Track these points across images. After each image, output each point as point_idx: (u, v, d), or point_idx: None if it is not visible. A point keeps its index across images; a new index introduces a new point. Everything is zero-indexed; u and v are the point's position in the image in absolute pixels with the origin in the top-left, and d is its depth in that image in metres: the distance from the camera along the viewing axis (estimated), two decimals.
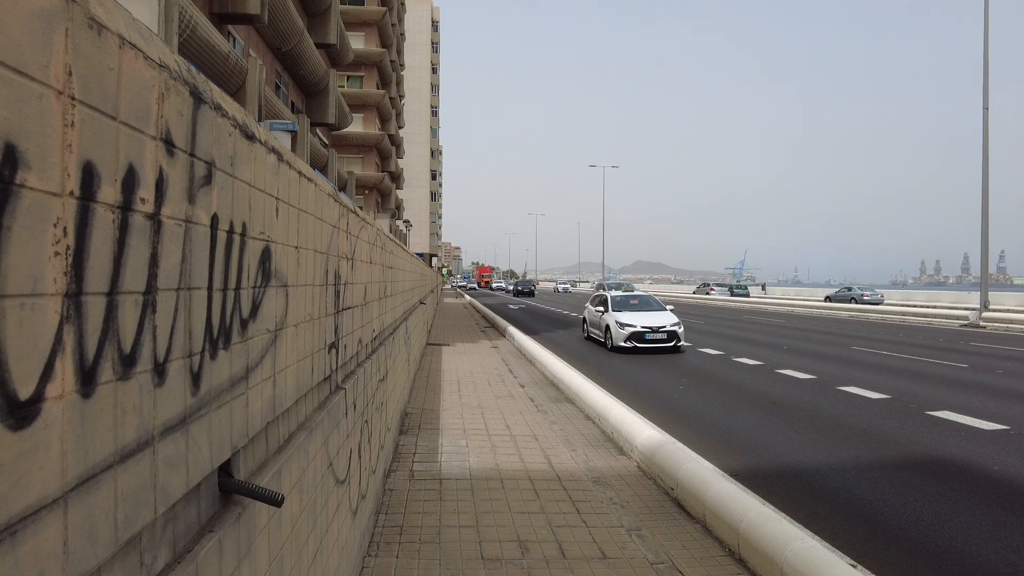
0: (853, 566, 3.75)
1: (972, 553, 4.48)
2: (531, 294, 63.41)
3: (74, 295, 0.93)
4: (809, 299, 46.15)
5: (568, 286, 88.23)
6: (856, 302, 39.79)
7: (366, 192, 42.62)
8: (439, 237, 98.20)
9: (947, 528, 4.90)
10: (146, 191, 1.16)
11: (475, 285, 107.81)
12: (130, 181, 1.09)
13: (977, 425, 8.10)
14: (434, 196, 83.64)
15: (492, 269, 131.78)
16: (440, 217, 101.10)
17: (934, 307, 34.70)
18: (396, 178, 53.84)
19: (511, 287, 74.17)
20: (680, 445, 5.99)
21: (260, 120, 17.94)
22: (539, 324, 25.85)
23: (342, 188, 31.67)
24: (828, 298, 43.62)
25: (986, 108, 25.05)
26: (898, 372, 12.65)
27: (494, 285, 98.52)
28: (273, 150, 1.95)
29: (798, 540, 3.79)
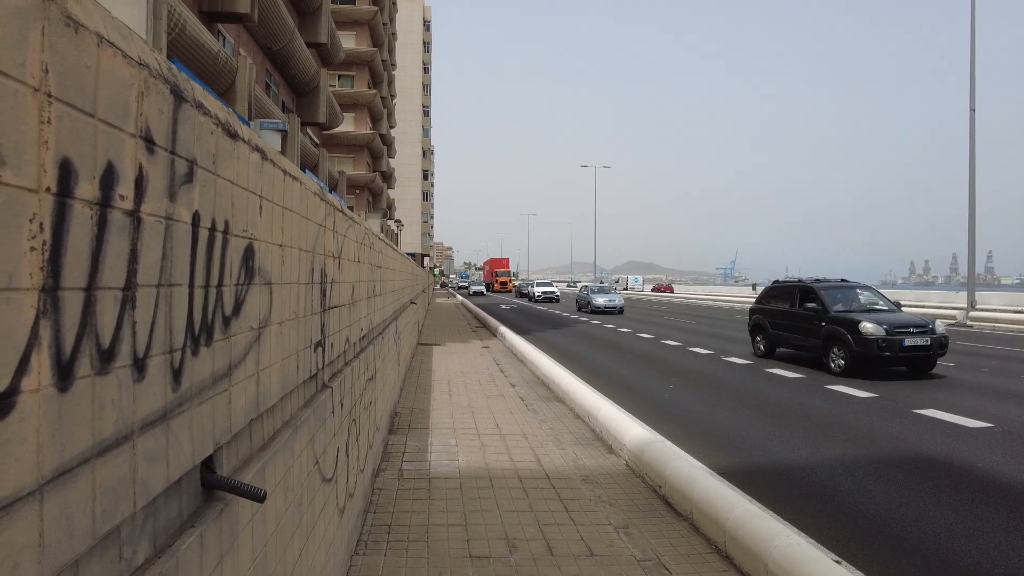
0: (837, 562, 3.79)
1: (955, 549, 4.53)
2: None
3: (51, 290, 0.94)
4: None
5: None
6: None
7: (357, 192, 42.52)
8: (431, 237, 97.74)
9: (931, 524, 4.95)
10: (125, 188, 1.16)
11: (481, 288, 71.80)
12: (109, 178, 1.10)
13: (962, 423, 8.18)
14: (426, 196, 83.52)
15: (509, 264, 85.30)
16: (432, 217, 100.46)
17: (923, 306, 34.97)
18: (387, 178, 53.75)
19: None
20: (668, 443, 6.02)
21: (250, 119, 17.88)
22: (531, 324, 25.87)
23: (333, 188, 31.61)
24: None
25: (973, 110, 25.28)
26: (885, 371, 12.75)
27: (539, 291, 50.52)
28: (256, 148, 1.96)
29: (783, 537, 3.82)
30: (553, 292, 50.64)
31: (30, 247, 0.89)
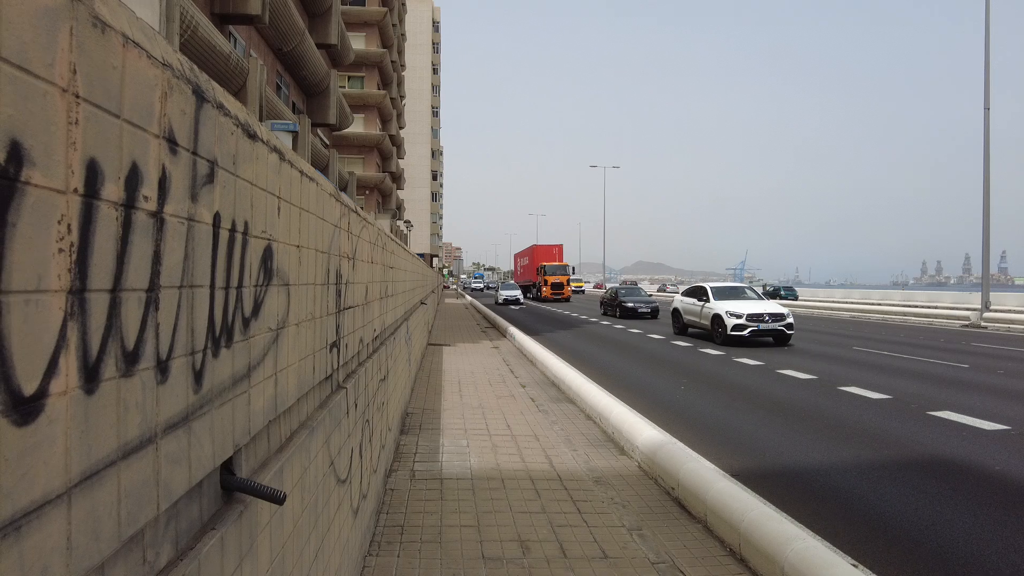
0: (854, 565, 3.75)
1: (973, 553, 4.47)
2: None
3: (77, 292, 0.93)
4: (823, 300, 46.70)
5: None
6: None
7: (367, 192, 42.63)
8: (440, 237, 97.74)
9: (948, 528, 4.90)
10: (149, 189, 1.16)
11: (516, 294, 48.01)
12: (133, 179, 1.10)
13: (978, 425, 8.09)
14: (435, 196, 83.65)
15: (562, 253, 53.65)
16: (441, 217, 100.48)
17: (935, 307, 34.68)
18: (397, 178, 53.85)
19: None
20: (681, 445, 5.98)
21: (261, 120, 17.95)
22: (540, 325, 25.85)
23: (343, 188, 31.69)
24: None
25: (987, 108, 25.03)
26: (899, 372, 12.64)
27: (735, 314, 17.38)
28: (275, 149, 1.96)
29: (799, 540, 3.79)
30: (781, 316, 17.99)
31: (58, 249, 0.89)
